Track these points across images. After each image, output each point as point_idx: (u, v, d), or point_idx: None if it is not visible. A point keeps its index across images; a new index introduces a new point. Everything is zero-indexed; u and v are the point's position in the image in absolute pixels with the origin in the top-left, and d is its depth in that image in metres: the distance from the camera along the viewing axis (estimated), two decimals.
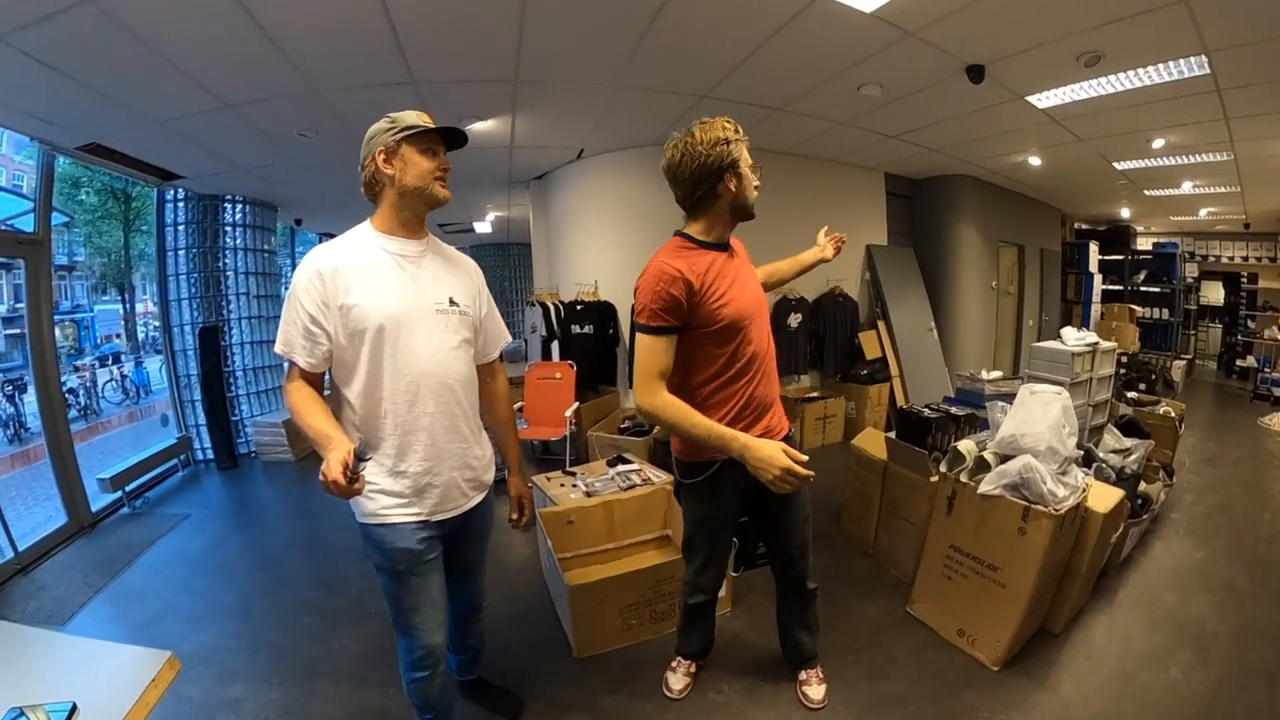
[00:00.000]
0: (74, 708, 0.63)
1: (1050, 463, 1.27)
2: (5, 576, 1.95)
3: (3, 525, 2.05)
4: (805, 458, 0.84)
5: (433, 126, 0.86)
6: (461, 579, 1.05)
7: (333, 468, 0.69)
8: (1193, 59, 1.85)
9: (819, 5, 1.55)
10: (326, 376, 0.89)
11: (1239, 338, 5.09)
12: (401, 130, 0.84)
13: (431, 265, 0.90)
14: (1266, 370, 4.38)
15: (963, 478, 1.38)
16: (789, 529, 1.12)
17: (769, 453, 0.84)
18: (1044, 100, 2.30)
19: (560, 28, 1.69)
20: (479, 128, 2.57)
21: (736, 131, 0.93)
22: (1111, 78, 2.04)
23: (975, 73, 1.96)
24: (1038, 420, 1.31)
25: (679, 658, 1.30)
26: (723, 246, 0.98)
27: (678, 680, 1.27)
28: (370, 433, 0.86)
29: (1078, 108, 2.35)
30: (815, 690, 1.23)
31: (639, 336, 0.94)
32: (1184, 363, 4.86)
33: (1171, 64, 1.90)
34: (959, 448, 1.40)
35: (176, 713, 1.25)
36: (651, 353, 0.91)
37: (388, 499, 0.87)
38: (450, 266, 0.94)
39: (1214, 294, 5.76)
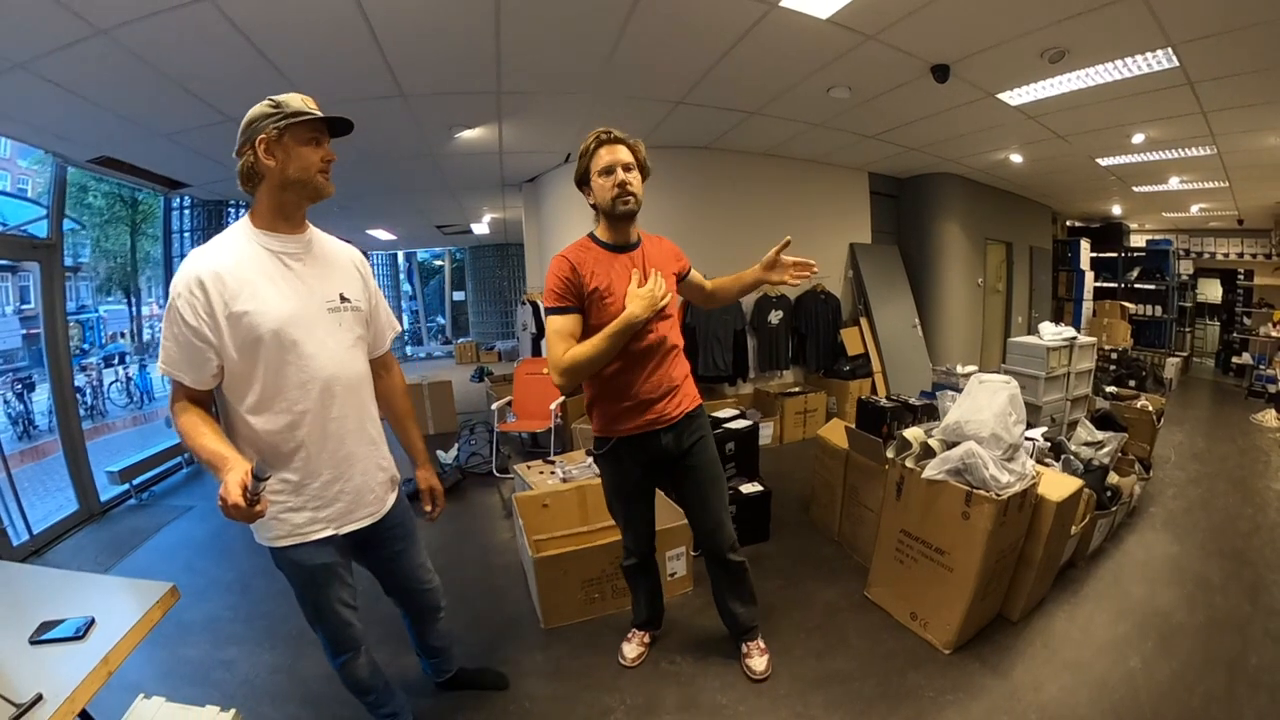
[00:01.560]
0: (92, 620, 0.76)
1: (994, 449, 1.32)
2: (21, 557, 2.08)
3: (20, 510, 2.20)
4: (652, 285, 1.00)
5: (319, 115, 0.79)
6: (406, 584, 1.02)
7: (231, 491, 0.64)
8: (1159, 52, 1.87)
9: (774, 15, 1.62)
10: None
11: (1235, 335, 5.04)
12: (285, 118, 0.77)
13: (317, 261, 0.85)
14: (1261, 367, 4.34)
15: (909, 463, 1.43)
16: (699, 504, 1.20)
17: (635, 305, 1.00)
18: (1015, 98, 2.34)
19: (533, 44, 1.78)
20: (468, 135, 2.68)
21: (595, 140, 1.02)
22: (1079, 73, 2.07)
23: (940, 72, 2.01)
24: (983, 408, 1.36)
25: (633, 628, 1.39)
26: (621, 247, 1.06)
27: (632, 649, 1.36)
28: (272, 448, 0.80)
29: (1050, 104, 2.38)
30: (757, 662, 1.29)
31: (547, 321, 1.04)
32: (1178, 360, 4.82)
33: (1138, 58, 1.92)
34: (905, 434, 1.46)
35: (175, 671, 1.36)
36: (560, 330, 1.02)
37: (298, 517, 0.83)
38: (336, 260, 0.89)
39: (1211, 292, 5.69)
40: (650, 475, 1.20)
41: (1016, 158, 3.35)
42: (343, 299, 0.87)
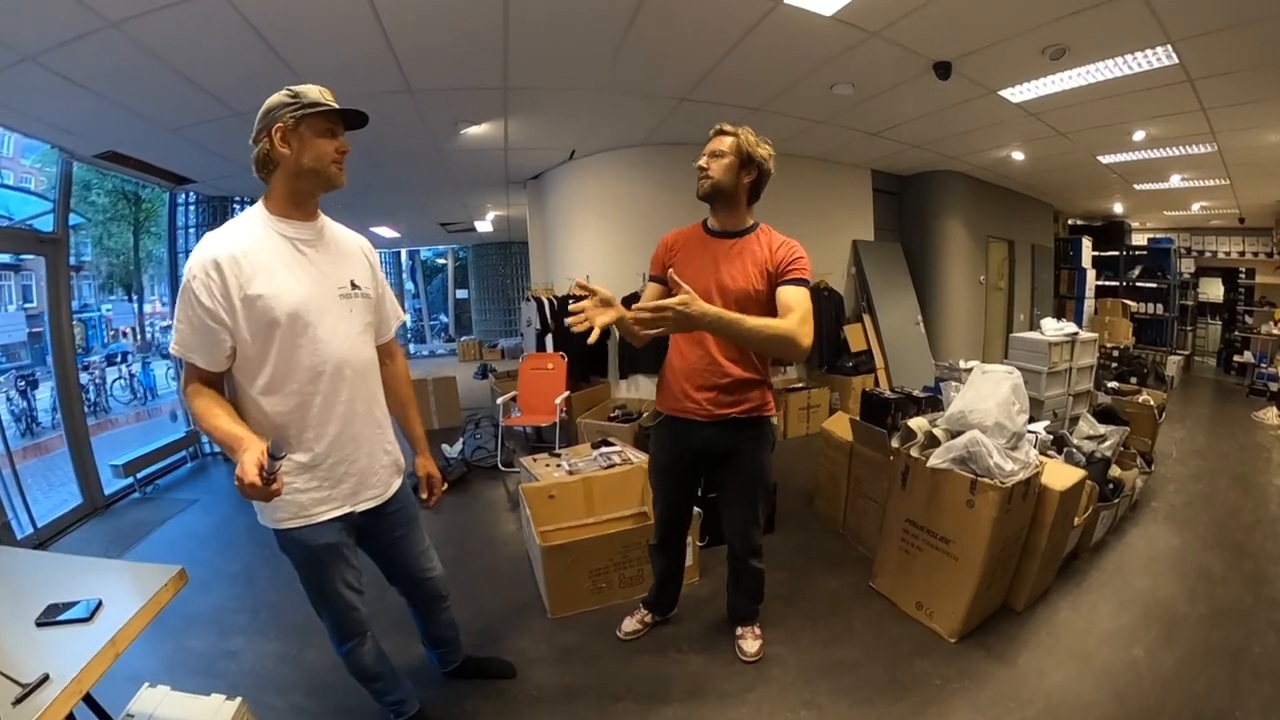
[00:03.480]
0: (100, 603, 0.76)
1: (998, 438, 1.33)
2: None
3: (24, 504, 2.20)
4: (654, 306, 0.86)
5: (336, 107, 0.81)
6: (408, 571, 1.02)
7: (248, 470, 0.65)
8: (1159, 49, 1.88)
9: (779, 12, 1.63)
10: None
11: (1236, 333, 5.05)
12: (303, 108, 0.78)
13: (328, 248, 0.87)
14: (1263, 365, 4.35)
15: (914, 453, 1.44)
16: (726, 506, 1.22)
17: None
18: (1016, 95, 2.35)
19: (542, 40, 1.79)
20: (474, 131, 2.69)
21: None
22: (1079, 70, 2.09)
23: (942, 69, 2.03)
24: (986, 397, 1.37)
25: (640, 606, 1.41)
26: (721, 233, 1.12)
27: (630, 624, 1.38)
28: (280, 429, 0.81)
29: (1051, 101, 2.39)
30: (750, 644, 1.31)
31: None
32: (1180, 358, 4.84)
33: (1139, 55, 1.93)
34: (910, 424, 1.46)
35: (180, 662, 1.36)
36: (645, 295, 1.16)
37: (304, 498, 0.84)
38: (346, 248, 0.91)
39: (1213, 291, 5.71)
40: (690, 463, 1.19)
41: (1018, 155, 3.37)
42: (353, 286, 0.89)
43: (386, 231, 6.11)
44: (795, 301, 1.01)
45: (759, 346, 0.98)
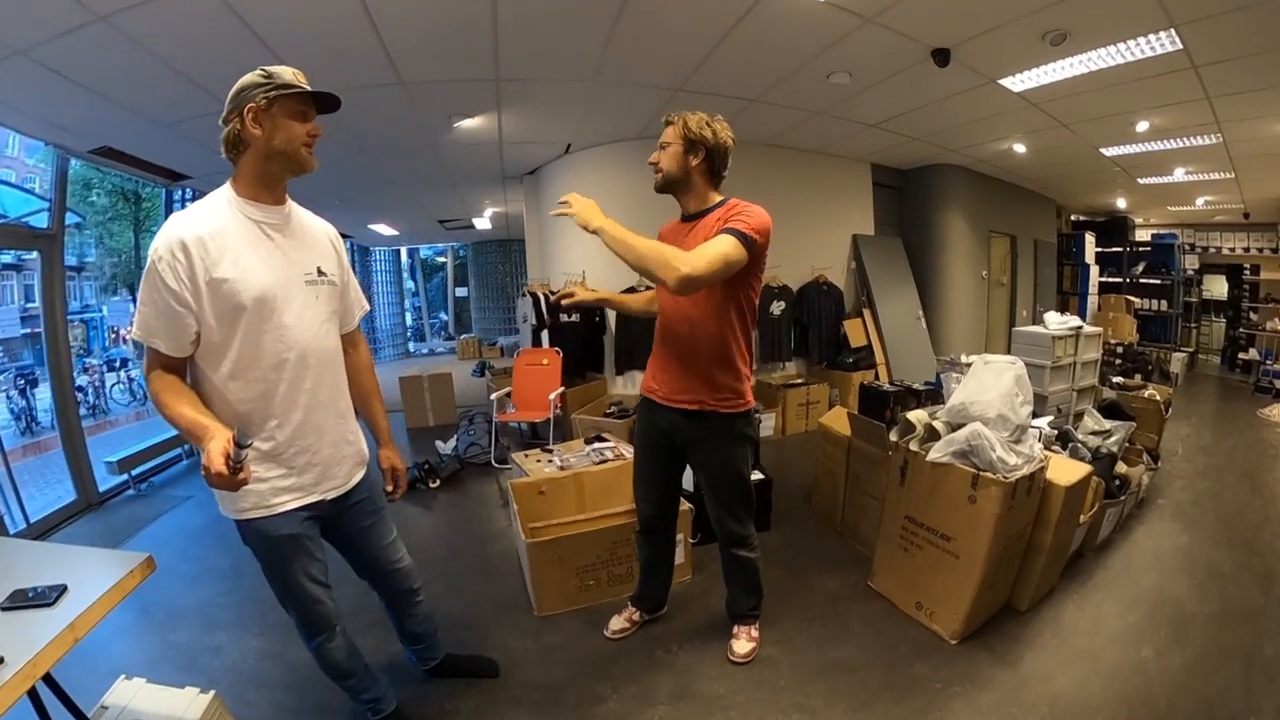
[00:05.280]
0: (64, 587, 0.76)
1: (1001, 430, 1.29)
2: None
3: (18, 500, 2.19)
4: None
5: (309, 89, 0.80)
6: (375, 563, 1.01)
7: (214, 459, 0.64)
8: (1162, 34, 1.84)
9: None
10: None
11: (1241, 331, 4.98)
12: (277, 88, 0.77)
13: (295, 234, 0.86)
14: (1268, 362, 4.29)
15: (913, 446, 1.40)
16: (707, 491, 1.21)
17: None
18: (1017, 83, 2.31)
19: (531, 27, 1.76)
20: (467, 124, 2.67)
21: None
22: (1081, 57, 2.04)
23: (940, 56, 1.99)
24: (989, 389, 1.33)
25: (629, 604, 1.38)
26: (688, 216, 1.16)
27: (617, 622, 1.35)
28: (244, 416, 0.80)
29: (1053, 90, 2.35)
30: (741, 645, 1.27)
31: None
32: (1184, 355, 4.79)
33: (1141, 40, 1.89)
34: (909, 417, 1.42)
35: (165, 657, 1.34)
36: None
37: (265, 487, 0.82)
38: (313, 235, 0.89)
39: (1217, 288, 5.65)
40: (662, 445, 1.19)
41: (1020, 147, 3.32)
42: (320, 273, 0.88)
43: (385, 229, 6.10)
44: (710, 242, 1.00)
45: (638, 263, 0.97)
